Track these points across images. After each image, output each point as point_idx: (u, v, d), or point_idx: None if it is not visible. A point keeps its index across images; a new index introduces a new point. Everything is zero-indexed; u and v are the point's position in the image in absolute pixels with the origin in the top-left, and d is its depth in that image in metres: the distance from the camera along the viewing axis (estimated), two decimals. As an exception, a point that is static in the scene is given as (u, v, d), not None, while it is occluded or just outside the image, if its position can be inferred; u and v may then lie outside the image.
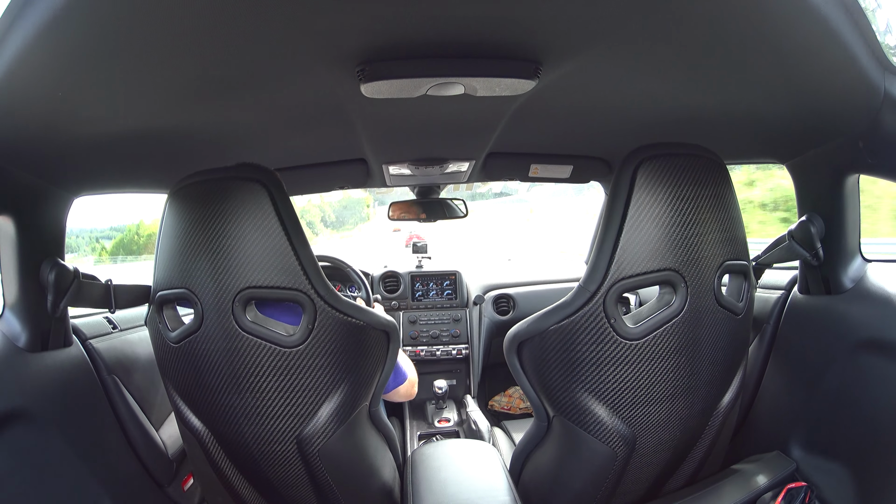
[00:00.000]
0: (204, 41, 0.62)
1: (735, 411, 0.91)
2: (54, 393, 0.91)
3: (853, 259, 0.95)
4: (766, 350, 1.10)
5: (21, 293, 0.89)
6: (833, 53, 0.67)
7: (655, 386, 0.77)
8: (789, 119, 0.91)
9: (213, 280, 0.74)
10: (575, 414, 0.81)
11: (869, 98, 0.74)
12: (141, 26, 0.56)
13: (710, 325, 0.77)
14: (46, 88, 0.66)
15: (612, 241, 0.72)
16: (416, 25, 0.63)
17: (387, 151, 1.35)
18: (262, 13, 0.57)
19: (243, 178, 0.74)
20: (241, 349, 0.75)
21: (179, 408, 0.87)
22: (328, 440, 0.82)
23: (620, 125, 1.15)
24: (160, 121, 0.89)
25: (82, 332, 1.06)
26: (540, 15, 0.61)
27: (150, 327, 0.85)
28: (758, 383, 1.11)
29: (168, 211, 0.77)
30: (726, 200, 0.77)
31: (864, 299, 0.90)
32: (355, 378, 0.84)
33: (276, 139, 1.17)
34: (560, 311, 0.77)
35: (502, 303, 2.03)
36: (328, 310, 0.77)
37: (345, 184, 1.65)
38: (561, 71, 0.79)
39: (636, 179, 0.71)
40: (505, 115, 1.04)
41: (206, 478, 0.93)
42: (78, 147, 0.88)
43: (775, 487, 0.84)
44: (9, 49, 0.55)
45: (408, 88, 0.77)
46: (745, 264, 0.80)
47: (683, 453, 0.87)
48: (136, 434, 1.08)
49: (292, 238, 0.74)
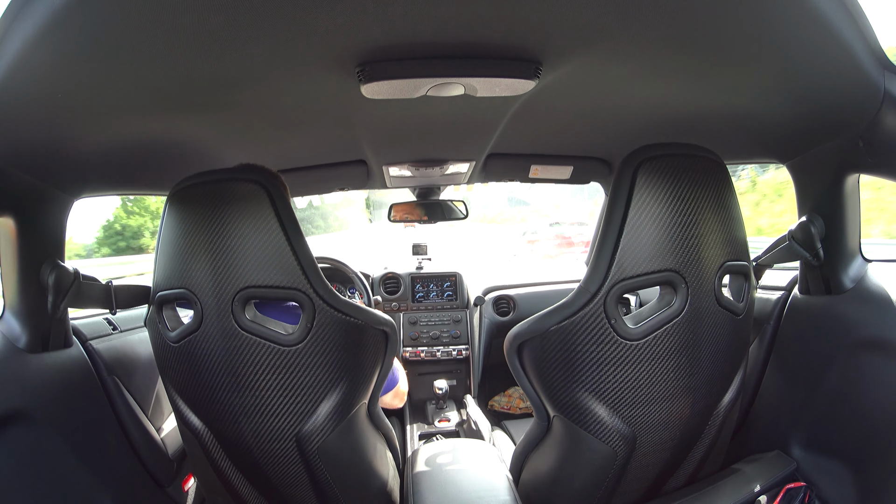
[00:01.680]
0: (204, 42, 0.62)
1: (735, 411, 0.91)
2: (54, 394, 0.91)
3: (853, 259, 0.95)
4: (767, 350, 1.10)
5: (21, 294, 0.90)
6: (833, 53, 0.67)
7: (656, 386, 0.77)
8: (789, 119, 0.91)
9: (212, 280, 0.74)
10: (575, 413, 0.81)
11: (869, 97, 0.74)
12: (141, 27, 0.56)
13: (711, 326, 0.77)
14: (47, 90, 0.66)
15: (613, 241, 0.72)
16: (416, 26, 0.63)
17: (387, 153, 1.35)
18: (262, 14, 0.57)
19: (242, 180, 0.74)
20: (241, 348, 0.76)
21: (179, 407, 0.87)
22: (327, 438, 0.83)
23: (620, 125, 1.16)
24: (160, 122, 0.89)
25: (82, 333, 1.06)
26: (540, 15, 0.61)
27: (149, 327, 0.85)
28: (758, 383, 1.11)
29: (168, 212, 0.77)
30: (727, 201, 0.77)
31: (865, 299, 0.90)
32: (354, 376, 0.84)
33: (276, 140, 1.17)
34: (561, 311, 0.77)
35: (502, 304, 2.03)
36: (327, 309, 0.77)
37: (345, 185, 1.66)
38: (561, 71, 0.79)
39: (637, 180, 0.71)
40: (505, 116, 1.04)
41: (206, 477, 0.93)
42: (78, 149, 0.88)
43: (775, 487, 0.84)
44: (9, 50, 0.56)
45: (408, 89, 0.77)
46: (745, 265, 0.80)
47: (683, 453, 0.87)
48: (136, 434, 1.09)
49: (291, 238, 0.74)
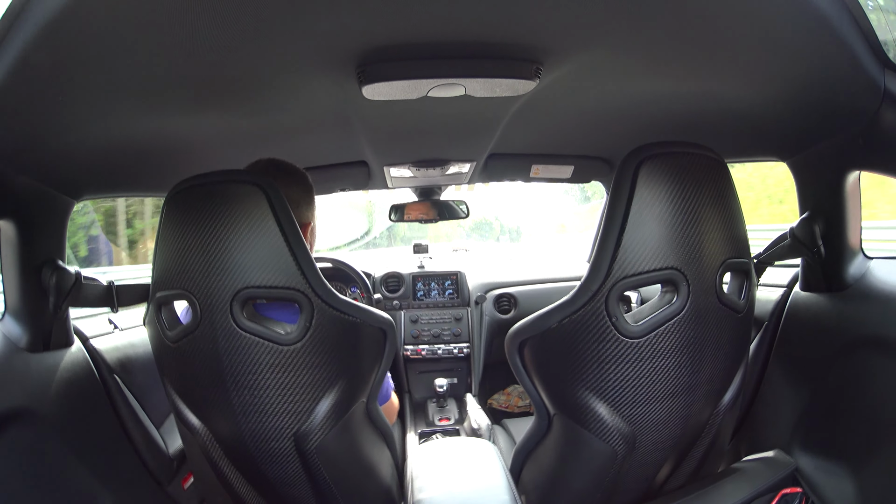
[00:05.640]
0: (203, 45, 0.62)
1: (736, 409, 0.91)
2: (56, 393, 0.91)
3: (854, 256, 0.95)
4: (768, 348, 1.10)
5: (22, 295, 0.90)
6: (832, 51, 0.67)
7: (657, 384, 0.77)
8: (789, 117, 0.91)
9: (210, 281, 0.74)
10: (576, 412, 0.81)
11: (868, 95, 0.74)
12: (141, 30, 0.56)
13: (712, 324, 0.77)
14: (47, 91, 0.66)
15: (614, 240, 0.72)
16: (416, 26, 0.63)
17: (388, 153, 1.36)
18: (262, 15, 0.57)
19: (240, 181, 0.74)
20: (239, 347, 0.76)
21: (178, 406, 0.88)
22: (325, 437, 0.83)
23: (621, 124, 1.15)
24: (160, 124, 0.89)
25: (83, 332, 1.07)
26: (540, 15, 0.61)
27: (148, 327, 0.85)
28: (759, 381, 1.11)
29: (166, 213, 0.77)
30: (727, 198, 0.77)
31: (866, 296, 0.90)
32: (352, 374, 0.85)
33: (276, 142, 1.17)
34: (562, 309, 0.77)
35: (504, 302, 2.04)
36: (325, 307, 0.77)
37: (346, 186, 1.66)
38: (561, 71, 0.79)
39: (638, 178, 0.71)
40: (506, 116, 1.04)
41: (205, 477, 0.94)
42: (79, 151, 0.88)
43: (775, 488, 0.84)
44: (9, 51, 0.56)
45: (408, 90, 0.77)
46: (746, 262, 0.80)
47: (684, 452, 0.87)
48: (136, 433, 1.09)
49: (289, 239, 0.74)
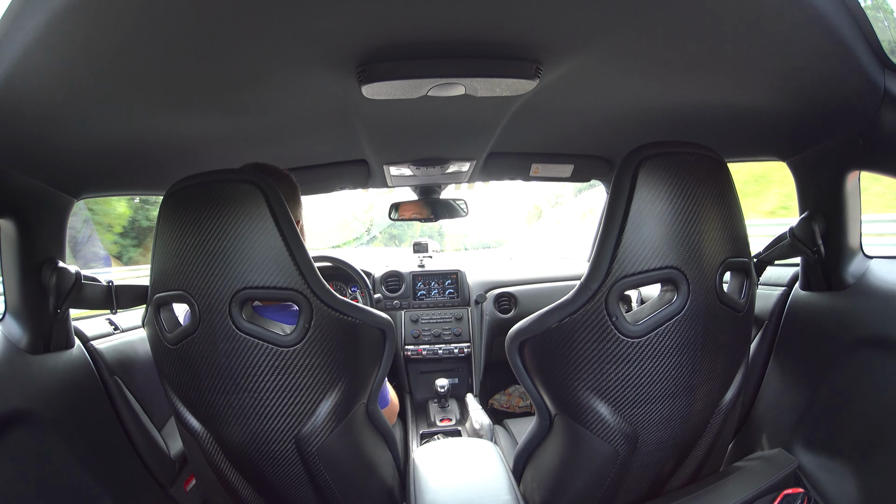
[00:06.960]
0: (203, 44, 0.62)
1: (737, 409, 0.91)
2: (56, 394, 0.91)
3: (854, 255, 0.95)
4: (768, 347, 1.10)
5: (22, 295, 0.90)
6: (832, 51, 0.67)
7: (657, 384, 0.77)
8: (789, 117, 0.91)
9: (209, 282, 0.74)
10: (577, 412, 0.81)
11: (869, 95, 0.74)
12: (141, 29, 0.56)
13: (712, 323, 0.77)
14: (47, 90, 0.66)
15: (614, 239, 0.72)
16: (416, 26, 0.63)
17: (388, 152, 1.35)
18: (262, 14, 0.57)
19: (238, 181, 0.74)
20: (239, 349, 0.75)
21: (178, 409, 0.87)
22: (326, 439, 0.82)
23: (621, 124, 1.15)
24: (160, 122, 0.89)
25: (84, 334, 1.07)
26: (540, 15, 0.61)
27: (147, 329, 0.85)
28: (759, 380, 1.11)
29: (163, 213, 0.76)
30: (727, 198, 0.77)
31: (866, 295, 0.90)
32: (352, 376, 0.84)
33: (277, 141, 1.17)
34: (562, 309, 0.76)
35: (504, 301, 2.03)
36: (324, 308, 0.77)
37: (346, 185, 1.66)
38: (561, 71, 0.79)
39: (638, 178, 0.71)
40: (505, 115, 1.04)
41: (206, 479, 0.93)
42: (79, 150, 0.88)
43: (777, 488, 0.84)
44: (9, 51, 0.56)
45: (408, 89, 0.76)
46: (746, 261, 0.80)
47: (685, 451, 0.87)
48: (137, 435, 1.09)
49: (288, 239, 0.74)
